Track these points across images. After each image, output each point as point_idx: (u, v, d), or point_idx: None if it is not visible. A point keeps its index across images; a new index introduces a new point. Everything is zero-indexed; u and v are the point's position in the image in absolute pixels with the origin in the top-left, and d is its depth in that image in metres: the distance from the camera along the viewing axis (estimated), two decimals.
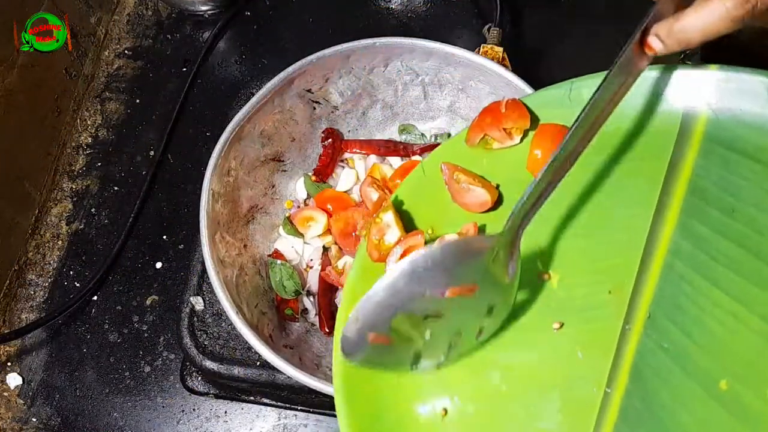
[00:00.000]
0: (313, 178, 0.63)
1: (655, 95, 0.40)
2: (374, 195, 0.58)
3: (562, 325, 0.37)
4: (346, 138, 0.64)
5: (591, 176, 0.40)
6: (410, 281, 0.34)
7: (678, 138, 0.39)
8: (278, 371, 0.50)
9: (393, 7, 0.79)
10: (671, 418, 0.33)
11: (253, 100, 0.55)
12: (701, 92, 0.39)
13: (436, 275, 0.34)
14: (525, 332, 0.38)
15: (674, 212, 0.38)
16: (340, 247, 0.59)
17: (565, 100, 0.42)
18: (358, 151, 0.63)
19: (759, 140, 0.37)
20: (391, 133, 0.65)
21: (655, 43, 0.35)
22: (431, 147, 0.62)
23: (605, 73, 0.36)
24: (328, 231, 0.60)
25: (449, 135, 0.63)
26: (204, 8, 0.79)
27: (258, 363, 0.54)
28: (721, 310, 0.35)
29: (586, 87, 0.41)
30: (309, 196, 0.62)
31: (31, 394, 0.63)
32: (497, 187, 0.42)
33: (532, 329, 0.38)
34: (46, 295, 0.67)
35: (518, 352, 0.38)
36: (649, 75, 0.40)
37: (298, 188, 0.63)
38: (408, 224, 0.42)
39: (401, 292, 0.34)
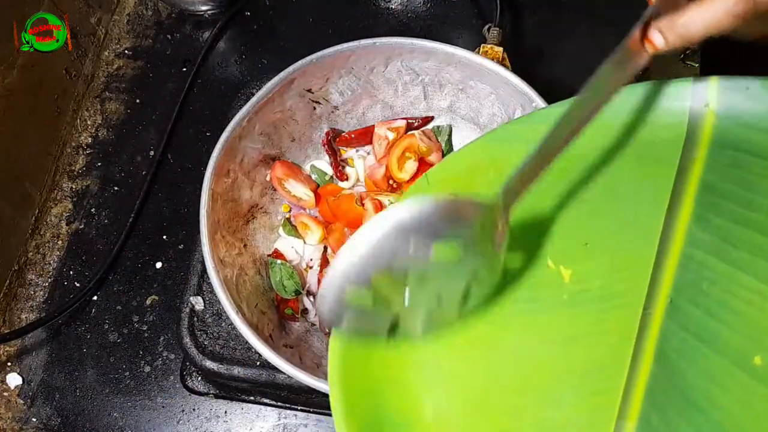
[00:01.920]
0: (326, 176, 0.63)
1: (660, 107, 0.40)
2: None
3: (576, 317, 0.37)
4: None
5: (599, 185, 0.40)
6: (398, 235, 0.31)
7: (685, 144, 0.39)
8: (278, 371, 0.50)
9: (393, 7, 0.79)
10: (705, 397, 0.33)
11: (253, 100, 0.55)
12: (705, 101, 0.39)
13: (424, 231, 0.32)
14: (536, 324, 0.38)
15: (688, 208, 0.38)
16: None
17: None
18: (355, 144, 0.63)
19: (767, 141, 0.38)
20: None
21: (657, 38, 0.35)
22: (427, 120, 0.63)
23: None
24: (325, 238, 0.60)
25: (450, 128, 0.63)
26: (204, 8, 0.79)
27: (258, 363, 0.54)
28: (748, 290, 0.34)
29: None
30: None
31: (31, 394, 0.63)
32: None
33: (543, 322, 0.38)
34: (46, 295, 0.67)
35: (529, 344, 0.38)
36: (652, 88, 0.40)
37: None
38: None
39: (387, 245, 0.31)
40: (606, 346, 0.36)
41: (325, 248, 0.61)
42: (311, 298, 0.59)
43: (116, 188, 0.72)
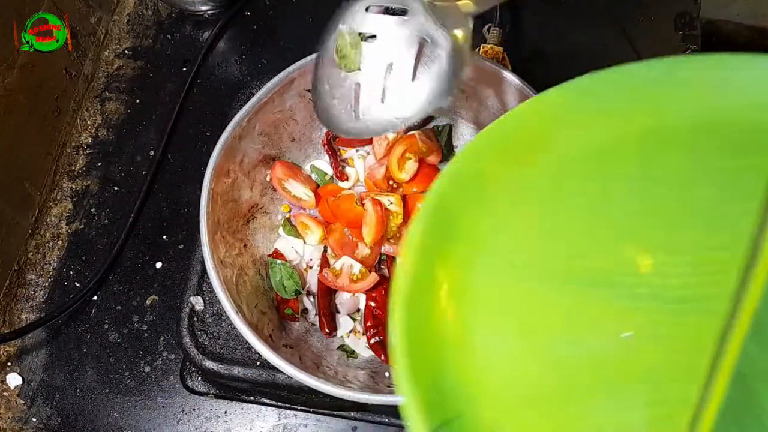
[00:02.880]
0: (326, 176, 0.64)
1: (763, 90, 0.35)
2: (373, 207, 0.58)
3: (652, 315, 0.34)
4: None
5: (689, 169, 0.36)
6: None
7: None
8: (278, 371, 0.50)
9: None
10: None
11: (253, 100, 0.55)
12: None
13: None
14: (611, 314, 0.35)
15: None
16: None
17: None
18: (356, 144, 0.63)
19: None
20: None
21: None
22: (427, 120, 0.63)
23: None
24: (325, 238, 0.60)
25: (450, 128, 0.63)
26: (204, 8, 0.79)
27: (258, 363, 0.54)
28: None
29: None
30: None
31: (31, 394, 0.63)
32: None
33: (618, 312, 0.35)
34: (46, 295, 0.67)
35: (602, 339, 0.35)
36: (755, 70, 0.35)
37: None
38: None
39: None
40: (680, 354, 0.34)
41: (325, 248, 0.61)
42: (311, 298, 0.59)
43: (116, 188, 0.72)
